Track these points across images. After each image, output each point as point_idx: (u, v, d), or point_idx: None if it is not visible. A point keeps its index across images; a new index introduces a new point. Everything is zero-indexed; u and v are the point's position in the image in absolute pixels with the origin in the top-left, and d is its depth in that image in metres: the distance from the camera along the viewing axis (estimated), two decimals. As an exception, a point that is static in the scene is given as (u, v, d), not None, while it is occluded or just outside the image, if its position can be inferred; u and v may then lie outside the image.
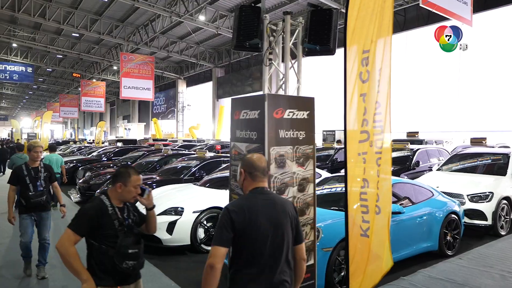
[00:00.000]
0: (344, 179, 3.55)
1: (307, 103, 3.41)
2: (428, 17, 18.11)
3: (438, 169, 8.94)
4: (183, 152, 11.77)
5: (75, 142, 29.44)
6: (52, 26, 27.50)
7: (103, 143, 28.12)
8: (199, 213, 5.66)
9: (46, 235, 4.86)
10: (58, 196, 5.11)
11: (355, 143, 3.47)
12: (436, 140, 14.57)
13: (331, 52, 3.90)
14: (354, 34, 3.41)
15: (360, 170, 3.41)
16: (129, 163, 12.34)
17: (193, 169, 8.40)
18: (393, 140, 12.86)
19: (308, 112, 3.38)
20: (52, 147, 10.31)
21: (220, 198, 6.04)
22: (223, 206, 6.11)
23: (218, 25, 23.53)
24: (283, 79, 3.88)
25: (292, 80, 4.05)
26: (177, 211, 5.67)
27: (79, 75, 39.84)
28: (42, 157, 4.69)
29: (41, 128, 30.23)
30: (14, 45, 31.32)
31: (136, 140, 25.10)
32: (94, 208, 2.47)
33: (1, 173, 17.64)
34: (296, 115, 3.27)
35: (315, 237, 3.51)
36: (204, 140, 26.39)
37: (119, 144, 17.81)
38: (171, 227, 5.53)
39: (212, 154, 9.37)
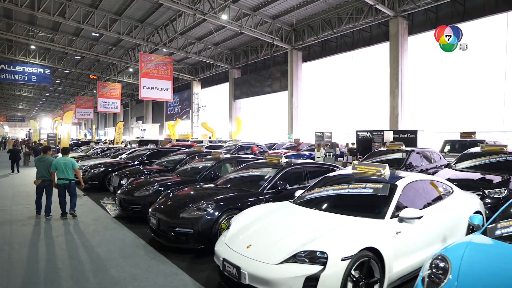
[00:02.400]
0: None
1: None
2: (496, 6, 15.86)
3: None
4: (243, 156, 9.38)
5: (96, 142, 26.84)
6: (70, 27, 25.05)
7: (122, 142, 25.72)
8: (349, 259, 3.29)
9: None
10: None
11: None
12: (495, 141, 12.28)
13: None
14: None
15: None
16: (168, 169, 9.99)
17: (273, 181, 6.04)
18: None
19: None
20: (65, 150, 7.82)
21: (364, 231, 3.58)
22: (374, 245, 2.63)
23: (241, 24, 21.19)
24: None
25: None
26: (314, 257, 3.22)
27: (95, 77, 37.52)
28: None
29: (57, 129, 27.74)
30: (33, 47, 28.83)
31: (158, 140, 22.64)
32: None
33: (15, 172, 16.13)
34: None
35: None
36: (225, 141, 24.13)
37: (151, 145, 15.34)
38: (311, 285, 3.15)
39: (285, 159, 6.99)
